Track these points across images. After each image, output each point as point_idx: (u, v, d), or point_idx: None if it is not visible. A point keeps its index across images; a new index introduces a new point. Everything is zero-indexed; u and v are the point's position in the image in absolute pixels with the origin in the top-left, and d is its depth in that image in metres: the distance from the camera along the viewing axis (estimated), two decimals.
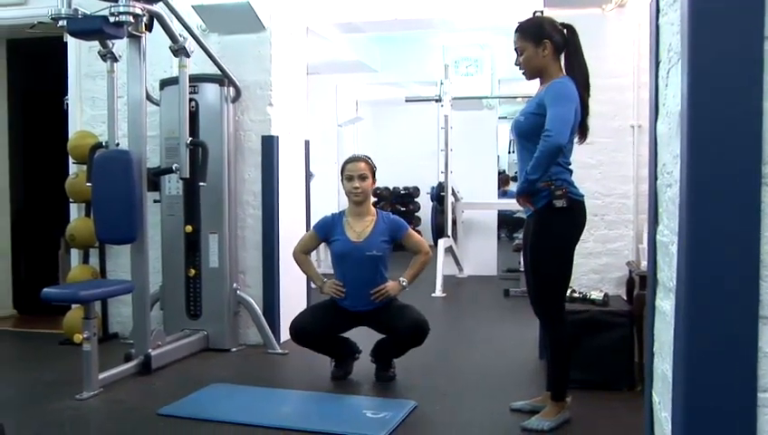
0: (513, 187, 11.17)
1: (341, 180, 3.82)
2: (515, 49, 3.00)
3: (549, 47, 2.92)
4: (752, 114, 1.33)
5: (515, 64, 3.05)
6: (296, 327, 3.71)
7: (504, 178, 11.21)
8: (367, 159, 3.81)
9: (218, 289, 4.41)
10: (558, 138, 2.74)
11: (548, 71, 2.96)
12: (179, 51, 3.99)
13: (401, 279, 3.73)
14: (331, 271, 3.87)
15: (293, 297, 4.75)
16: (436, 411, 3.24)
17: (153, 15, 3.75)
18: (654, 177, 1.82)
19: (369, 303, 3.68)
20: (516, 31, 3.00)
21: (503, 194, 9.77)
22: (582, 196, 2.98)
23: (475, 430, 3.06)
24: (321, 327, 3.69)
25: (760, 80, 1.33)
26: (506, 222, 10.40)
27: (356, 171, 3.73)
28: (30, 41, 5.02)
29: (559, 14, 3.34)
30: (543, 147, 2.75)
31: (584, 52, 2.99)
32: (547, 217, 2.90)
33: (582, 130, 2.99)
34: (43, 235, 5.62)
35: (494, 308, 6.08)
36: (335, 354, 3.82)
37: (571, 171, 2.95)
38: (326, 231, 3.81)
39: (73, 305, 4.51)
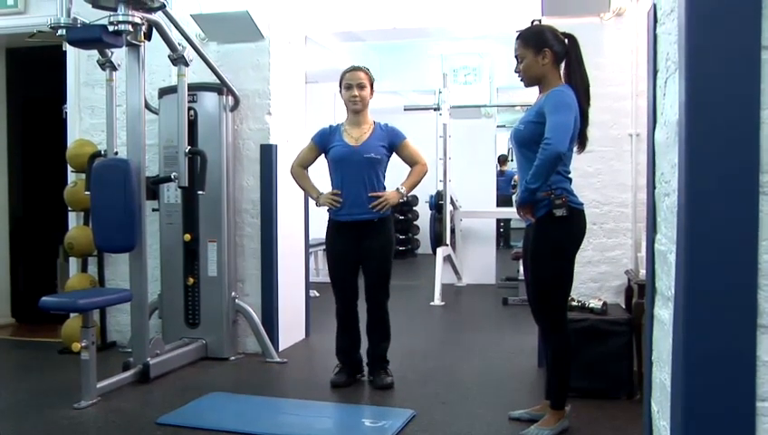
0: (509, 167, 11.37)
1: (340, 90, 3.81)
2: (515, 56, 3.01)
3: (549, 56, 2.94)
4: (749, 123, 1.34)
5: (515, 71, 3.06)
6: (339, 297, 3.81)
7: (502, 159, 11.46)
8: (366, 70, 3.81)
9: (217, 298, 4.41)
10: (557, 145, 2.75)
11: (547, 79, 2.97)
12: (178, 60, 4.01)
13: (399, 187, 3.73)
14: (329, 280, 3.86)
15: (292, 306, 4.76)
16: (435, 420, 3.24)
17: (152, 24, 3.76)
18: (652, 185, 1.82)
19: (367, 211, 3.66)
20: (517, 38, 3.01)
21: (500, 174, 10.22)
22: (582, 204, 2.99)
23: None
24: (353, 283, 3.76)
25: (757, 89, 1.34)
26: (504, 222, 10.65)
27: (355, 80, 3.73)
28: (29, 50, 5.05)
29: (557, 23, 3.36)
30: (543, 155, 2.76)
31: (583, 60, 3.00)
32: (547, 226, 2.91)
33: (582, 139, 3.00)
34: (41, 243, 5.63)
35: (492, 317, 6.08)
36: (347, 354, 3.81)
37: (570, 180, 2.97)
38: (324, 141, 3.79)
39: (72, 314, 4.50)
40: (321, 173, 3.97)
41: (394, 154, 3.84)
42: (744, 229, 1.35)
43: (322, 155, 3.84)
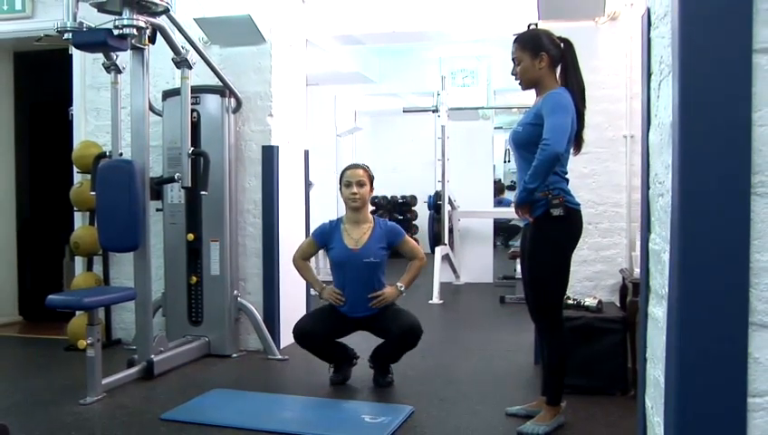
0: (507, 195, 11.33)
1: (340, 187, 3.87)
2: (512, 59, 3.04)
3: (545, 59, 2.97)
4: (741, 125, 1.36)
5: (512, 74, 3.08)
6: (300, 329, 3.76)
7: (499, 187, 11.28)
8: (365, 167, 3.87)
9: (219, 296, 4.46)
10: (555, 146, 2.78)
11: (543, 82, 3.00)
12: (182, 63, 4.04)
13: (398, 284, 3.78)
14: (330, 278, 3.92)
15: (293, 304, 4.80)
16: (433, 416, 3.27)
17: (156, 28, 3.79)
18: (646, 186, 1.83)
19: (367, 308, 3.73)
20: (514, 42, 3.04)
21: (498, 203, 9.85)
22: (579, 204, 3.02)
23: None
24: (322, 330, 3.75)
25: (749, 91, 1.35)
26: (502, 229, 10.49)
27: (354, 178, 3.79)
28: (36, 53, 5.12)
29: (553, 27, 3.40)
30: (541, 156, 2.79)
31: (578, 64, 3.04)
32: (544, 226, 2.94)
33: (578, 141, 3.03)
34: (48, 243, 5.69)
35: (490, 315, 6.11)
36: (334, 360, 3.87)
37: (567, 180, 3.00)
38: (324, 238, 3.87)
39: (77, 312, 4.55)
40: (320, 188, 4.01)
41: None
42: (736, 229, 1.36)
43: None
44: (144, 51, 3.82)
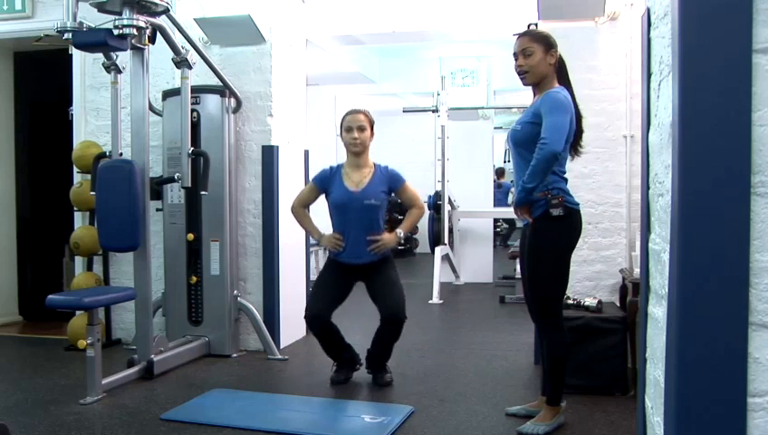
0: (507, 179, 11.41)
1: (340, 133, 3.85)
2: (521, 51, 2.98)
3: (555, 56, 2.98)
4: (741, 125, 1.36)
5: (518, 67, 3.02)
6: (309, 315, 3.73)
7: (499, 172, 11.53)
8: (366, 112, 3.84)
9: (219, 296, 4.46)
10: (554, 145, 2.78)
11: (547, 80, 2.99)
12: (182, 62, 4.04)
13: (398, 230, 3.80)
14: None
15: (293, 304, 4.81)
16: (433, 416, 3.28)
17: (156, 28, 3.80)
18: (646, 186, 1.83)
19: (366, 253, 3.72)
20: (524, 34, 3.01)
21: (497, 187, 10.26)
22: (578, 204, 3.02)
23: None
24: (328, 305, 3.71)
25: (749, 91, 1.35)
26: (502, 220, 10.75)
27: (355, 122, 3.77)
28: (36, 53, 5.13)
29: (553, 27, 3.41)
30: (540, 154, 2.79)
31: (578, 63, 3.04)
32: (544, 226, 2.94)
33: (575, 146, 3.04)
34: (48, 242, 5.69)
35: (490, 315, 6.11)
36: (340, 358, 3.87)
37: (566, 180, 3.00)
38: (324, 183, 3.83)
39: (77, 312, 4.56)
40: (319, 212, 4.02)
41: None
42: (735, 229, 1.36)
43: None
44: (144, 51, 3.83)
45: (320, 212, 4.03)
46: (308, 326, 3.81)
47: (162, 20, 3.82)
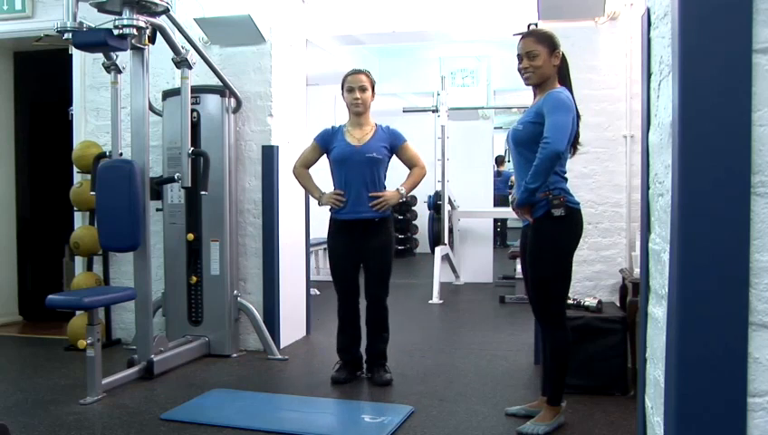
0: (507, 167, 11.52)
1: (342, 93, 3.86)
2: (527, 53, 2.97)
3: (559, 57, 2.98)
4: (741, 125, 1.36)
5: (521, 67, 3.01)
6: (342, 285, 3.85)
7: (499, 160, 11.59)
8: (367, 72, 3.86)
9: (219, 296, 4.46)
10: (556, 145, 2.78)
11: (550, 80, 2.99)
12: (182, 63, 4.05)
13: (399, 187, 3.81)
14: (330, 279, 3.92)
15: (293, 304, 4.81)
16: (433, 416, 3.28)
17: (156, 28, 3.80)
18: (646, 186, 1.84)
19: (368, 210, 3.73)
20: (528, 35, 3.00)
21: (497, 175, 10.37)
22: (579, 204, 3.02)
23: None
24: (354, 273, 3.81)
25: (749, 91, 1.36)
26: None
27: (356, 83, 3.79)
28: (36, 53, 5.13)
29: (553, 27, 3.41)
30: (542, 154, 2.79)
31: (578, 63, 3.04)
32: (546, 226, 2.94)
33: (573, 146, 3.04)
34: (48, 242, 5.70)
35: (490, 315, 6.12)
36: (348, 357, 3.87)
37: (566, 180, 3.01)
38: (326, 141, 3.85)
39: (78, 312, 4.56)
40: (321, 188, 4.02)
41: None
42: (735, 229, 1.36)
43: (324, 156, 3.90)
44: (144, 51, 3.83)
45: (320, 214, 4.03)
46: (340, 299, 3.85)
47: (162, 20, 3.82)
